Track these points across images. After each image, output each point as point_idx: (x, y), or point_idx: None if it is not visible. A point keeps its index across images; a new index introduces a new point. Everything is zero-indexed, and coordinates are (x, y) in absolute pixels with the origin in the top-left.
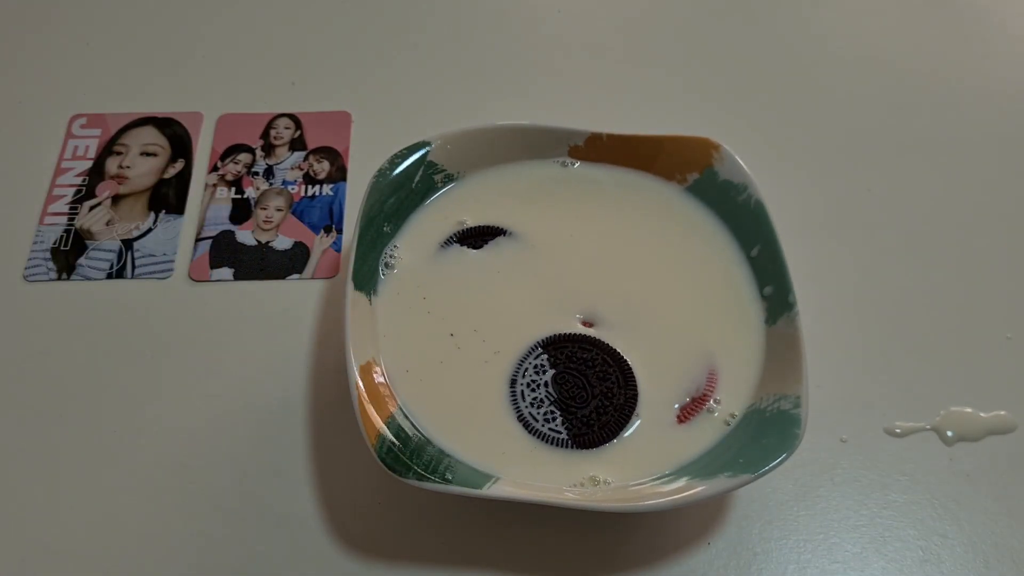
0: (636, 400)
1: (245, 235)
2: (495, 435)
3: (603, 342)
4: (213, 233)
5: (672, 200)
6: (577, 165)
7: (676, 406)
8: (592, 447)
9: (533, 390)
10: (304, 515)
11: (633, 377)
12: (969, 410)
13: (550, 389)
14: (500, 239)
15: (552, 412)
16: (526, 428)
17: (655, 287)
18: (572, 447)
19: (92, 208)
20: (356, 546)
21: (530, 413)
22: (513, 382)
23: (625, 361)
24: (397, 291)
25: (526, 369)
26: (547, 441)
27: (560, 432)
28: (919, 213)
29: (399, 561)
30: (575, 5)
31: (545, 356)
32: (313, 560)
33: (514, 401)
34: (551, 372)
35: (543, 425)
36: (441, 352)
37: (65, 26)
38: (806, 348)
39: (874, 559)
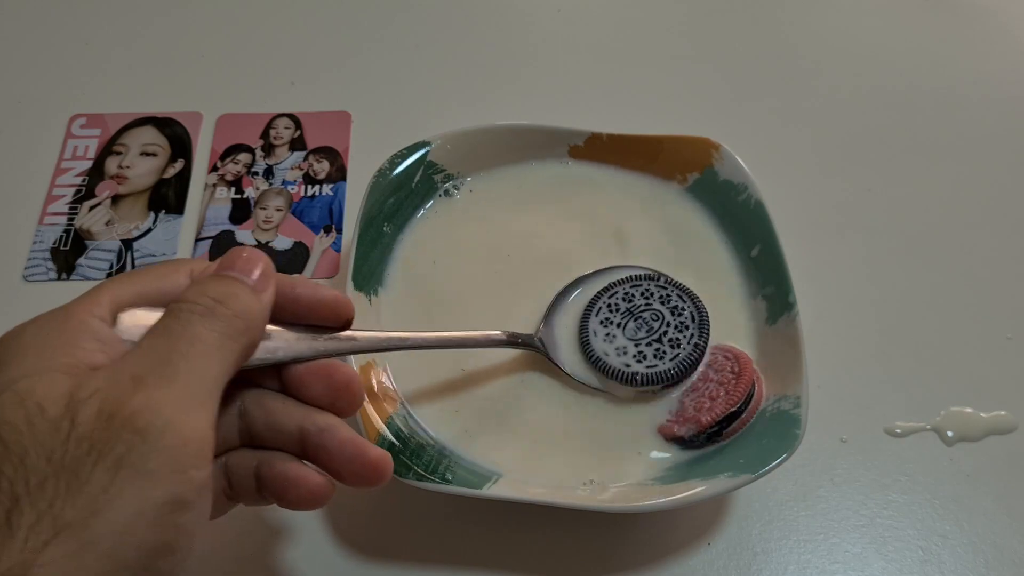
0: (707, 324)
1: (245, 235)
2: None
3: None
4: (213, 233)
5: (672, 200)
6: (577, 165)
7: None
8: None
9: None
10: (304, 515)
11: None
12: (969, 410)
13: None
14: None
15: (624, 347)
16: (603, 371)
17: None
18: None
19: (92, 208)
20: (356, 546)
21: (603, 350)
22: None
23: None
24: (402, 289)
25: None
26: (623, 380)
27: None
28: (919, 213)
29: (399, 561)
30: (575, 5)
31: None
32: (314, 560)
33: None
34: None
35: (617, 359)
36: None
37: (65, 26)
38: (806, 348)
39: (874, 559)
